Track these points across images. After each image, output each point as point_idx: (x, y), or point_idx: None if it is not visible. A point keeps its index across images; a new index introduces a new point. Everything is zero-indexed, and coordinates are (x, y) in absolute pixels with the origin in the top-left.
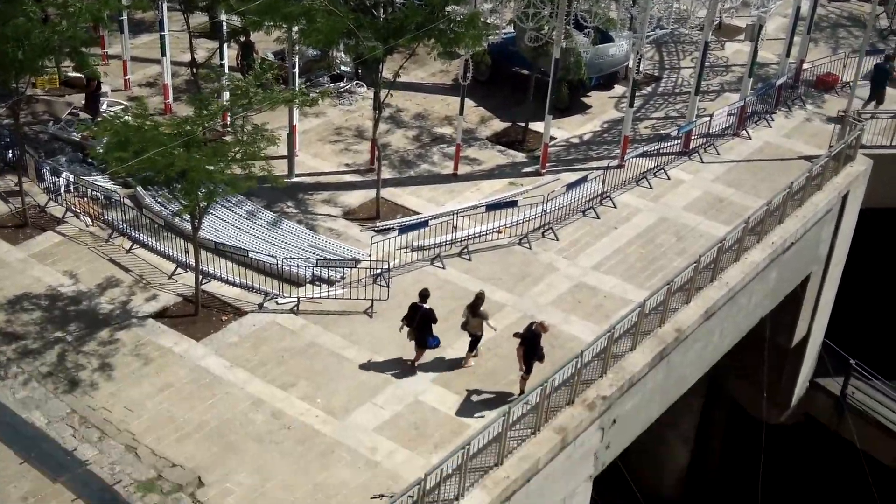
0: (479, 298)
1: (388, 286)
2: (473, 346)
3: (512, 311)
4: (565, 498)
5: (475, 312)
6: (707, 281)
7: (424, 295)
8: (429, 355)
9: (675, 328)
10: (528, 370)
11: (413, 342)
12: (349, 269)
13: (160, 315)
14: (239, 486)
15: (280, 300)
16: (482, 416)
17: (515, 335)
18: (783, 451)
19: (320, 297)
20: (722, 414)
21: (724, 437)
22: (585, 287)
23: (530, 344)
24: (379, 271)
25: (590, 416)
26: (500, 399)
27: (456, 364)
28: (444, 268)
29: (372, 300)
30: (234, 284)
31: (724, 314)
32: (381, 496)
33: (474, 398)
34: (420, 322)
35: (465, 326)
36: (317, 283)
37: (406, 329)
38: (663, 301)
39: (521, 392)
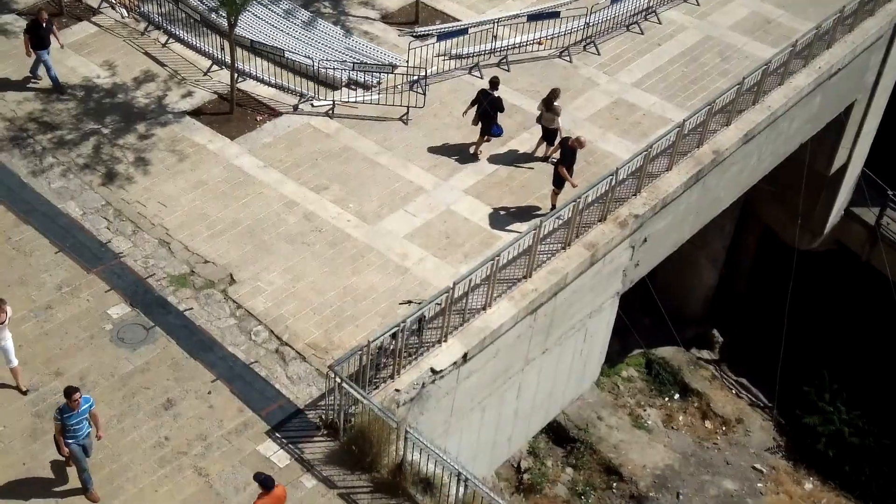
0: (554, 93)
1: (424, 94)
2: (545, 139)
3: None
4: (591, 313)
5: (549, 107)
6: (749, 103)
7: (495, 82)
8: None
9: (713, 150)
10: (559, 185)
11: (478, 127)
12: (386, 75)
13: (195, 112)
14: (270, 285)
15: (315, 102)
16: (513, 229)
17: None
18: (812, 278)
19: (355, 102)
20: (753, 238)
21: (753, 261)
22: (624, 104)
23: (569, 160)
24: (416, 78)
25: (621, 234)
26: (532, 212)
27: (491, 174)
28: (481, 77)
29: (408, 107)
30: (269, 84)
31: (764, 138)
32: (409, 302)
33: (506, 210)
34: (488, 108)
35: (539, 120)
36: (352, 86)
37: (470, 114)
38: (703, 122)
39: (553, 206)
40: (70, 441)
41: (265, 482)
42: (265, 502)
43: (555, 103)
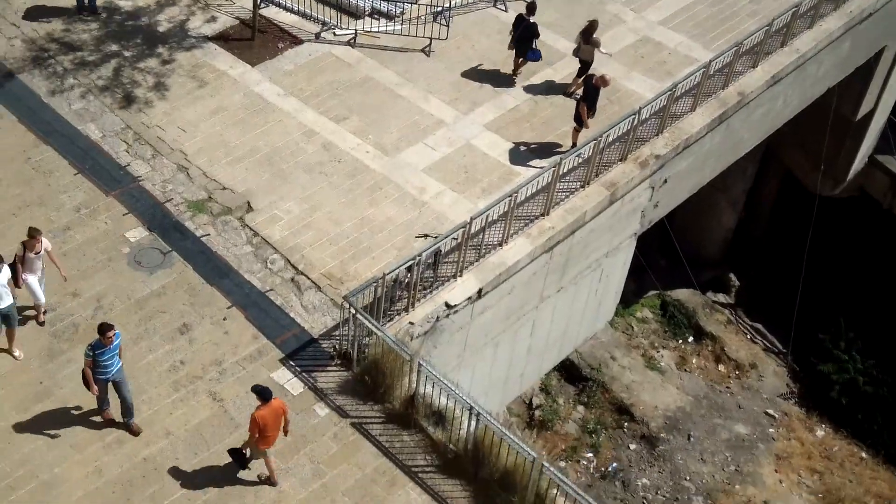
0: (593, 25)
1: (447, 25)
2: (583, 72)
3: (572, 62)
4: (608, 252)
5: (587, 39)
6: (777, 46)
7: (531, 7)
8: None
9: (739, 91)
10: (581, 123)
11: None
12: (409, 5)
13: (217, 37)
14: (287, 213)
15: (338, 31)
16: (532, 165)
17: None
18: (833, 225)
19: (378, 32)
20: (775, 182)
21: (773, 206)
22: (650, 42)
23: (591, 98)
24: (440, 9)
25: (641, 174)
26: (552, 149)
27: (512, 110)
28: (506, 10)
29: (431, 39)
30: (291, 11)
31: (791, 81)
32: (425, 236)
33: (526, 147)
34: (523, 33)
35: (576, 53)
36: (375, 16)
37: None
38: (729, 63)
39: (574, 144)
40: (100, 377)
41: (263, 393)
42: (263, 413)
43: (594, 35)
